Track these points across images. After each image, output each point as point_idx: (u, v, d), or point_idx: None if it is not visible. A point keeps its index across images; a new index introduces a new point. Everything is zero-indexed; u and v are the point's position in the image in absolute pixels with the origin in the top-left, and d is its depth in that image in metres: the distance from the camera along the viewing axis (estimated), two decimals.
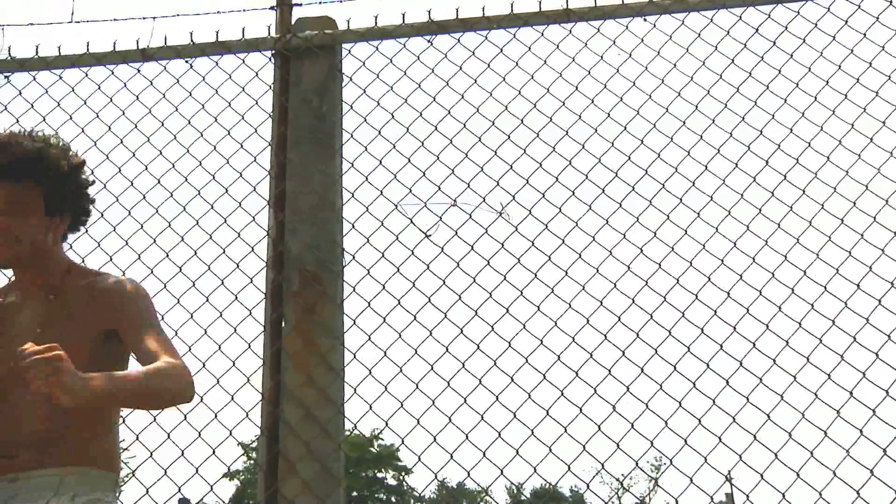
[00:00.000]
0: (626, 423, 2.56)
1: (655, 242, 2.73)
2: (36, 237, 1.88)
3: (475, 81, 3.04)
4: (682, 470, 2.47)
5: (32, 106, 3.21)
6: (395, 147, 2.98)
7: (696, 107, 2.87)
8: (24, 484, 1.74)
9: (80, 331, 1.85)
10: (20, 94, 3.23)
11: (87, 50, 3.19)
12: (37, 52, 3.21)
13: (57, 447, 1.77)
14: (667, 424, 2.53)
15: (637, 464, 2.72)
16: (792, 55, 2.87)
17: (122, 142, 3.15)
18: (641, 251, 2.72)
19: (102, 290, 1.89)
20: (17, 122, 3.16)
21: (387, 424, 2.66)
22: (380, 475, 37.61)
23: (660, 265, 2.70)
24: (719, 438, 2.48)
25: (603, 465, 2.66)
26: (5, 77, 3.22)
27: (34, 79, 3.24)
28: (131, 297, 1.88)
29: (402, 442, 2.68)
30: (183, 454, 2.72)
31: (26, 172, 1.84)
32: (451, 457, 2.60)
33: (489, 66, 3.05)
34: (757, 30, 2.92)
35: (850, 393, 2.45)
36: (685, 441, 2.51)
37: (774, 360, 2.54)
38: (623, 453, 2.57)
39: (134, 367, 1.90)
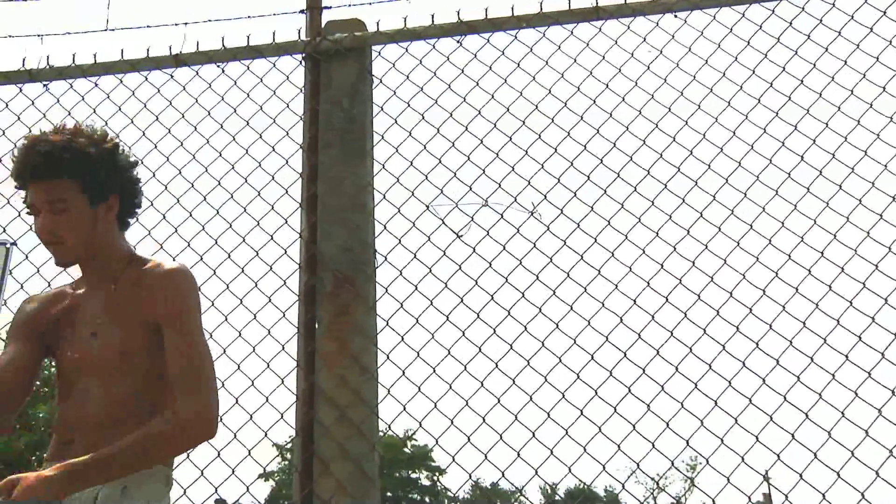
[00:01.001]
0: (661, 423, 2.54)
1: (688, 240, 2.70)
2: (83, 231, 1.84)
3: (505, 81, 3.03)
4: (718, 469, 2.45)
5: (70, 113, 3.27)
6: (425, 148, 2.98)
7: (729, 103, 2.84)
8: (89, 496, 1.71)
9: (132, 322, 1.82)
10: (58, 101, 3.29)
11: (122, 57, 3.24)
12: (73, 60, 3.26)
13: (112, 436, 1.71)
14: (702, 424, 2.51)
15: (672, 463, 2.69)
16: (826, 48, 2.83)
17: (155, 147, 3.19)
18: (675, 249, 2.70)
19: (148, 282, 1.85)
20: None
21: (420, 425, 2.66)
22: (413, 476, 37.67)
23: (693, 263, 2.67)
24: (756, 437, 2.45)
25: (638, 465, 2.64)
26: (44, 86, 3.28)
27: (71, 86, 3.30)
28: (170, 293, 1.83)
29: (437, 442, 2.68)
30: (219, 455, 2.75)
31: (58, 169, 1.80)
32: (486, 457, 2.60)
33: (518, 65, 3.05)
34: (790, 23, 2.88)
35: (893, 391, 2.41)
36: (721, 440, 2.48)
37: (812, 359, 2.50)
38: (658, 453, 2.55)
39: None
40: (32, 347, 1.90)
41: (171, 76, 3.26)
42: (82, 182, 1.83)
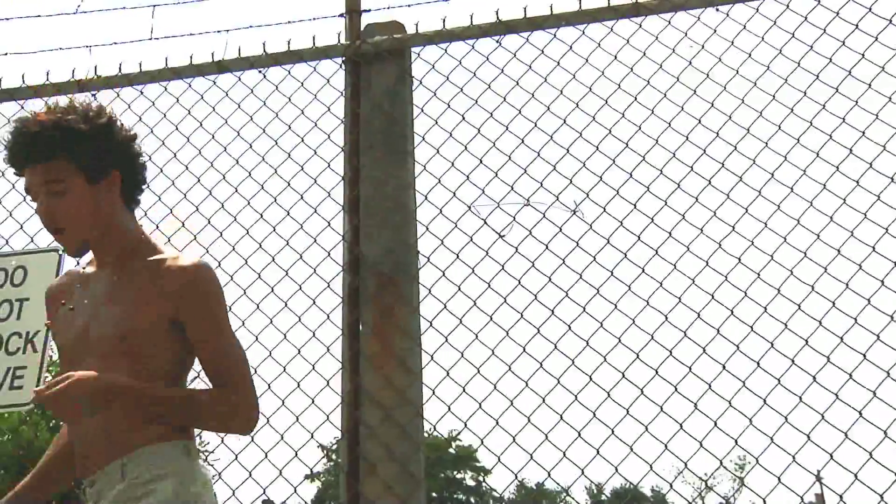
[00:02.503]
0: (708, 422, 2.51)
1: (734, 237, 2.66)
2: (85, 212, 1.75)
3: (545, 80, 3.02)
4: (768, 469, 2.41)
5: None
6: (466, 148, 2.98)
7: (774, 96, 2.80)
8: (99, 487, 1.69)
9: (149, 314, 1.72)
10: None
11: (166, 65, 3.30)
12: (120, 70, 3.33)
13: (116, 439, 1.68)
14: (751, 422, 2.47)
15: (721, 462, 2.66)
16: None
17: (199, 152, 3.24)
18: (720, 246, 2.66)
19: (167, 275, 1.74)
20: None
21: (465, 425, 2.66)
22: (458, 476, 37.69)
23: (739, 259, 2.63)
24: (807, 437, 2.41)
25: (686, 465, 2.61)
26: (93, 95, 3.34)
27: (118, 95, 3.36)
28: (195, 291, 1.74)
29: (482, 442, 2.68)
30: (266, 456, 2.78)
31: (51, 148, 1.70)
32: (531, 457, 2.59)
33: (559, 63, 3.03)
34: (838, 13, 2.82)
35: None
36: (771, 439, 2.44)
37: (865, 356, 2.45)
38: (706, 452, 2.52)
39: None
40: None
41: (214, 82, 3.31)
42: (78, 160, 1.72)
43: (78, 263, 2.02)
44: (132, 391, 1.65)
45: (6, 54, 3.44)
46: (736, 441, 2.49)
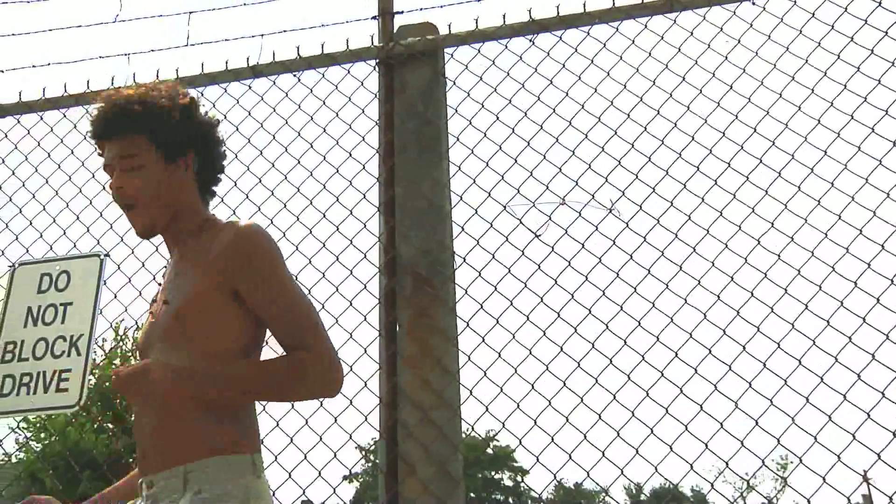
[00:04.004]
0: (749, 420, 2.48)
1: (773, 233, 2.63)
2: (157, 189, 1.72)
3: (579, 78, 3.00)
4: (813, 469, 2.37)
5: None
6: (500, 148, 2.98)
7: (813, 90, 2.75)
8: (157, 489, 1.62)
9: (202, 286, 1.66)
10: None
11: (202, 70, 3.34)
12: (157, 76, 3.37)
13: (177, 440, 1.61)
14: (793, 421, 2.43)
15: (763, 462, 2.62)
16: None
17: (236, 156, 3.27)
18: (759, 242, 2.63)
19: (213, 243, 1.69)
20: None
21: (503, 425, 2.66)
22: (496, 476, 37.65)
23: (779, 256, 2.59)
24: (853, 436, 2.36)
25: (727, 464, 2.58)
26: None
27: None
28: (241, 252, 1.66)
29: (520, 442, 2.67)
30: (305, 457, 2.80)
31: (129, 123, 1.69)
32: (570, 457, 2.58)
33: (592, 61, 3.01)
34: (880, 2, 2.77)
35: None
36: (815, 438, 2.40)
37: None
38: (748, 451, 2.49)
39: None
40: None
41: (249, 87, 3.34)
42: (155, 137, 1.71)
43: (140, 294, 1.98)
44: (199, 374, 1.59)
45: (48, 64, 3.51)
46: (778, 440, 2.45)
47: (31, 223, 3.43)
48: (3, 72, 3.57)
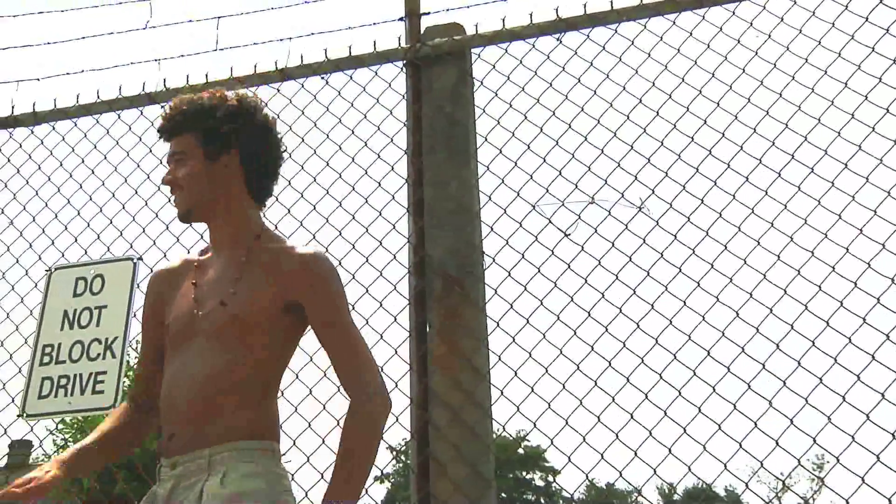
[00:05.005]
0: (784, 419, 2.45)
1: (806, 229, 2.59)
2: (197, 181, 1.86)
3: (607, 76, 2.99)
4: (850, 468, 2.33)
5: None
6: (529, 147, 2.97)
7: (846, 84, 2.71)
8: (182, 470, 1.71)
9: (264, 298, 1.78)
10: None
11: (231, 74, 3.37)
12: (187, 81, 3.41)
13: (207, 425, 1.71)
14: (829, 420, 2.40)
15: (799, 462, 2.59)
16: None
17: None
18: (792, 239, 2.59)
19: (290, 261, 1.82)
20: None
21: (535, 425, 2.65)
22: (527, 476, 37.56)
23: (812, 253, 2.56)
24: (893, 435, 2.32)
25: (762, 464, 2.55)
26: (161, 107, 3.44)
27: None
28: (320, 277, 1.81)
29: (552, 442, 2.66)
30: None
31: (179, 124, 1.88)
32: (602, 456, 2.56)
33: (620, 59, 3.00)
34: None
35: None
36: (852, 438, 2.36)
37: None
38: (783, 450, 2.46)
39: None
40: (156, 328, 1.94)
41: (278, 90, 3.36)
42: (200, 136, 1.87)
43: (189, 252, 2.09)
44: (353, 485, 1.67)
45: (82, 71, 3.57)
46: (814, 440, 2.42)
47: (66, 228, 3.48)
48: (38, 80, 3.63)
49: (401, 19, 3.28)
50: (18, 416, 3.13)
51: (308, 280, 1.80)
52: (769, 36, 2.86)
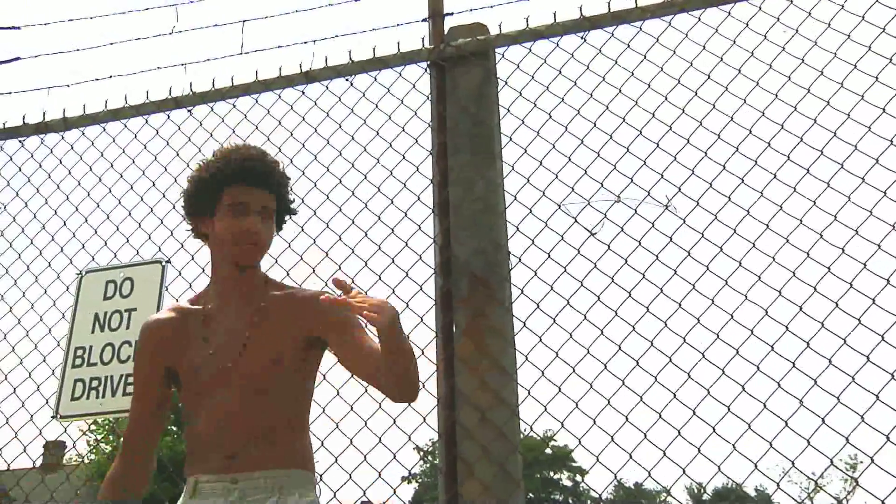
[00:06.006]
0: (816, 419, 2.42)
1: (835, 227, 2.56)
2: (270, 243, 2.01)
3: (632, 74, 2.97)
4: (885, 468, 2.30)
5: (212, 135, 3.45)
6: (554, 147, 2.96)
7: (877, 78, 2.68)
8: (245, 486, 1.80)
9: (284, 337, 1.91)
10: (201, 125, 3.48)
11: (256, 77, 3.39)
12: (213, 85, 3.44)
13: (269, 449, 1.84)
14: (862, 419, 2.37)
15: (832, 461, 2.56)
16: None
17: (291, 162, 3.32)
18: (821, 236, 2.56)
19: (306, 299, 1.95)
20: (200, 151, 3.40)
21: (562, 425, 2.64)
22: (555, 476, 37.45)
23: (843, 250, 2.53)
24: None
25: (793, 463, 2.53)
26: (188, 111, 3.47)
27: (212, 109, 3.48)
28: (328, 306, 1.88)
29: (579, 442, 2.65)
30: (365, 458, 2.82)
31: (275, 183, 1.98)
32: (630, 456, 2.55)
33: (645, 56, 2.98)
34: None
35: None
36: (887, 437, 2.33)
37: None
38: (815, 450, 2.43)
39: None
40: (159, 379, 1.98)
41: (303, 93, 3.38)
42: (278, 201, 2.01)
43: (177, 300, 2.20)
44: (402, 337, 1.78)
45: (110, 77, 3.61)
46: (847, 439, 2.39)
47: (95, 231, 3.53)
48: (68, 86, 3.68)
49: (424, 20, 3.29)
50: (52, 417, 3.17)
51: (321, 312, 1.91)
52: (796, 31, 2.83)
